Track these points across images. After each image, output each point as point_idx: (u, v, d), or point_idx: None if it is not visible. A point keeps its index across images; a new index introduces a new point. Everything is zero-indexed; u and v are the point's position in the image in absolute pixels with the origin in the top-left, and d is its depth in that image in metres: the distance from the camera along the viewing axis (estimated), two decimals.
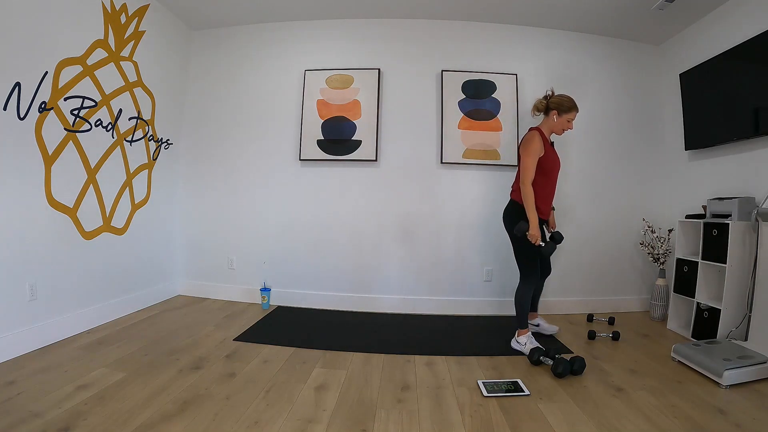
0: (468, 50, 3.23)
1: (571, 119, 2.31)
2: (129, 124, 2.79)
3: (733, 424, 1.54)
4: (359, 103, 3.19)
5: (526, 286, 2.32)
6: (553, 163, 2.34)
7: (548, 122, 2.35)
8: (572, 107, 2.30)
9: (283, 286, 3.26)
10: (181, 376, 1.87)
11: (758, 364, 1.92)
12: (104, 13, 2.50)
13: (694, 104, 2.93)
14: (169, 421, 1.48)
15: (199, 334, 2.46)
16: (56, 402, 1.56)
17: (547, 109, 2.34)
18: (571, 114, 2.30)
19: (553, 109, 2.31)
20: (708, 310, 2.47)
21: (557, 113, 2.30)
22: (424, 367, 2.10)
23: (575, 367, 1.97)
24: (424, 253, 3.19)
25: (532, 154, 2.23)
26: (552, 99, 2.34)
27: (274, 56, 3.33)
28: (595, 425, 1.53)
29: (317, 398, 1.71)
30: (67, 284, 2.33)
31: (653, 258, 3.08)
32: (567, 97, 2.32)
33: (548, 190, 2.38)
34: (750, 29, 2.47)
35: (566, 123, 2.31)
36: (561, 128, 2.32)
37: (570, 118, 2.30)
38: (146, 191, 3.03)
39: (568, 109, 2.29)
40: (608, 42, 3.31)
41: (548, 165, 2.30)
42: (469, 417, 1.59)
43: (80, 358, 2.02)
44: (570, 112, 2.29)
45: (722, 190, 2.71)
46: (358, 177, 3.22)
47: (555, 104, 2.31)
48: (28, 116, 2.04)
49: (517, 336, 2.34)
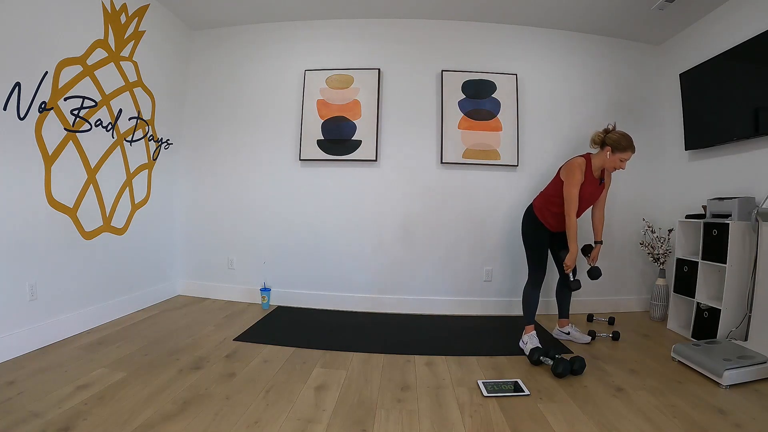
0: (468, 50, 3.23)
1: (625, 159, 2.19)
2: (129, 124, 2.79)
3: (733, 424, 1.54)
4: (359, 103, 3.19)
5: (531, 285, 2.39)
6: (584, 198, 2.27)
7: (601, 156, 2.25)
8: (628, 147, 2.18)
9: (283, 286, 3.26)
10: (181, 376, 1.87)
11: (758, 364, 1.92)
12: (104, 13, 2.50)
13: (694, 104, 2.93)
14: (169, 421, 1.48)
15: (199, 334, 2.46)
16: (56, 402, 1.56)
17: (603, 143, 2.24)
18: (625, 154, 2.18)
19: (608, 145, 2.21)
20: (708, 310, 2.47)
21: (611, 150, 2.20)
22: (424, 367, 2.09)
23: (575, 367, 1.97)
24: (424, 253, 3.19)
25: (576, 185, 2.18)
26: (610, 135, 2.22)
27: (274, 56, 3.33)
28: (595, 425, 1.53)
29: (317, 398, 1.71)
30: (67, 284, 2.33)
31: (653, 258, 3.08)
32: (625, 137, 2.19)
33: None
34: (750, 29, 2.47)
35: (618, 162, 2.20)
36: (613, 166, 2.23)
37: (624, 158, 2.19)
38: (146, 191, 3.03)
39: (623, 149, 2.18)
40: (608, 42, 3.31)
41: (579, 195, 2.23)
42: (469, 417, 1.59)
43: (80, 358, 2.02)
44: (625, 152, 2.18)
45: (722, 190, 2.71)
46: (358, 177, 3.22)
47: (611, 141, 2.20)
48: (28, 116, 2.04)
49: (523, 334, 2.36)
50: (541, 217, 2.37)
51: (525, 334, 2.33)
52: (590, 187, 2.28)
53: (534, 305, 2.37)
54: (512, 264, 3.18)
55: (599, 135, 2.27)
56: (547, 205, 2.35)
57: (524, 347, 2.29)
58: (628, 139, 2.19)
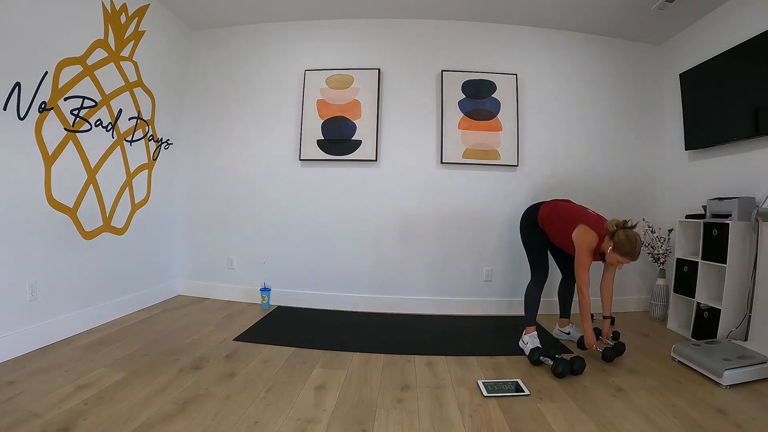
0: (468, 50, 3.23)
1: (622, 262, 2.10)
2: (129, 124, 2.79)
3: (733, 424, 1.54)
4: (359, 103, 3.19)
5: (533, 284, 2.39)
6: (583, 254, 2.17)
7: (607, 244, 2.13)
8: (627, 255, 2.06)
9: (283, 286, 3.26)
10: (181, 376, 1.87)
11: (758, 364, 1.92)
12: (104, 13, 2.50)
13: (694, 104, 2.93)
14: (169, 421, 1.48)
15: (199, 334, 2.46)
16: (56, 402, 1.56)
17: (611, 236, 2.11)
18: (623, 259, 2.08)
19: (612, 241, 2.10)
20: (708, 310, 2.47)
21: (613, 247, 2.09)
22: (424, 367, 2.09)
23: (575, 367, 1.97)
24: (424, 253, 3.19)
25: (587, 250, 2.11)
26: (618, 233, 2.07)
27: (274, 56, 3.33)
28: (595, 425, 1.53)
29: (317, 398, 1.71)
30: (67, 284, 2.33)
31: (653, 258, 3.08)
32: (629, 244, 2.05)
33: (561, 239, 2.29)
34: (750, 29, 2.47)
35: (616, 261, 2.11)
36: (610, 262, 2.14)
37: (621, 261, 2.09)
38: (146, 191, 3.03)
39: (623, 255, 2.07)
40: (608, 42, 3.31)
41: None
42: (469, 417, 1.59)
43: (80, 358, 2.02)
44: (623, 257, 2.07)
45: (722, 190, 2.71)
46: (358, 177, 3.22)
47: (616, 240, 2.07)
48: (28, 116, 2.04)
49: (523, 334, 2.35)
50: (542, 226, 2.37)
51: (525, 334, 2.33)
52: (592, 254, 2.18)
53: (535, 306, 2.36)
54: (512, 264, 3.18)
55: (613, 226, 2.11)
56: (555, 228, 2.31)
57: (524, 347, 2.29)
58: (631, 246, 2.05)
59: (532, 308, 2.36)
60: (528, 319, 2.36)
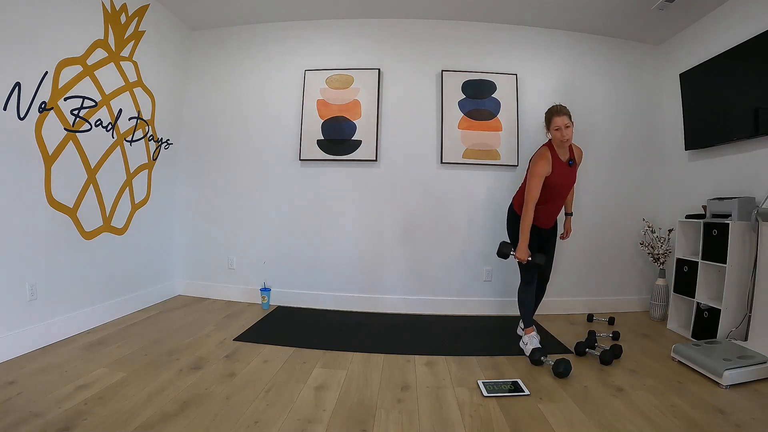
0: (468, 50, 3.23)
1: (559, 126, 2.11)
2: (129, 124, 2.79)
3: (733, 424, 1.54)
4: (359, 103, 3.19)
5: (523, 286, 2.38)
6: (561, 184, 2.23)
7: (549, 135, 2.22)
8: (552, 115, 2.14)
9: (283, 286, 3.26)
10: (181, 376, 1.87)
11: (758, 364, 1.92)
12: (104, 13, 2.50)
13: (694, 104, 2.93)
14: (169, 421, 1.48)
15: (199, 334, 2.46)
16: (56, 402, 1.56)
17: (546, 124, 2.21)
18: (554, 123, 2.12)
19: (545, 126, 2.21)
20: (708, 310, 2.47)
21: (546, 127, 2.21)
22: (424, 367, 2.09)
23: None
24: (424, 253, 3.19)
25: (537, 176, 2.14)
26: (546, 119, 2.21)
27: (274, 56, 3.33)
28: (595, 425, 1.53)
29: (317, 398, 1.71)
30: (67, 284, 2.33)
31: (653, 258, 3.08)
32: (549, 109, 2.18)
33: (550, 207, 2.31)
34: (750, 29, 2.47)
35: (555, 132, 2.14)
36: (558, 139, 2.16)
37: (556, 127, 2.12)
38: (146, 191, 3.03)
39: (549, 119, 2.16)
40: (608, 42, 3.31)
41: (552, 184, 2.19)
42: (469, 417, 1.59)
43: (80, 358, 2.02)
44: (552, 122, 2.13)
45: (722, 190, 2.71)
46: (358, 177, 3.22)
47: (544, 121, 2.21)
48: (28, 116, 2.04)
49: (523, 335, 2.35)
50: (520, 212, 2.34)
51: (525, 335, 2.32)
52: (561, 171, 2.21)
53: (529, 305, 2.36)
54: (512, 264, 3.17)
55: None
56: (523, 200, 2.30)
57: (524, 348, 2.29)
58: (550, 109, 2.15)
59: (527, 309, 2.36)
60: (525, 320, 2.36)
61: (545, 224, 2.37)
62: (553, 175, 2.18)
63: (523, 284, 2.39)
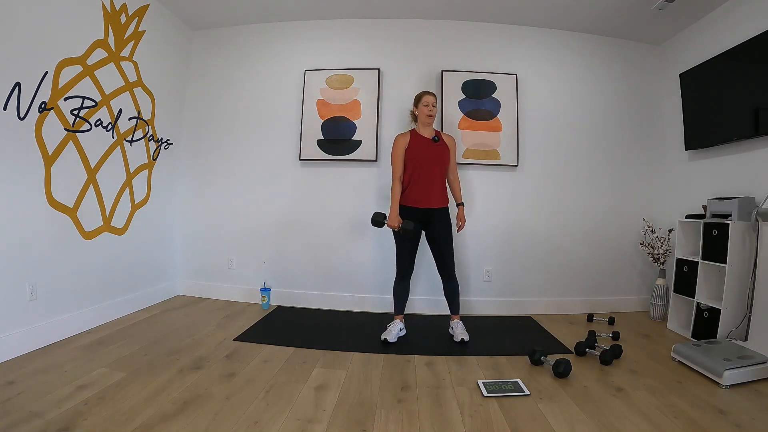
0: (468, 50, 3.23)
1: (427, 103, 2.47)
2: (129, 124, 2.79)
3: (733, 424, 1.54)
4: (359, 103, 3.19)
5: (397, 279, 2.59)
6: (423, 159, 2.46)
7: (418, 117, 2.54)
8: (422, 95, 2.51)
9: (283, 286, 3.26)
10: (181, 376, 1.87)
11: (758, 364, 1.92)
12: (104, 13, 2.50)
13: (694, 104, 2.93)
14: (169, 421, 1.48)
15: (199, 334, 2.46)
16: (56, 402, 1.56)
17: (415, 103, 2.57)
18: (423, 100, 2.48)
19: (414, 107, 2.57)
20: (708, 310, 2.47)
21: (415, 106, 2.56)
22: (424, 367, 2.09)
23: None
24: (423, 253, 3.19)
25: (394, 147, 2.50)
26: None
27: (274, 56, 3.33)
28: (595, 425, 1.53)
29: (317, 398, 1.71)
30: (67, 284, 2.33)
31: (653, 258, 3.08)
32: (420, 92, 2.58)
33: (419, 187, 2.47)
34: (750, 29, 2.47)
35: (423, 108, 2.48)
36: (425, 115, 2.48)
37: (425, 103, 2.48)
38: (146, 191, 3.03)
39: (419, 98, 2.52)
40: (608, 42, 3.31)
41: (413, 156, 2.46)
42: (469, 417, 1.59)
43: (80, 358, 2.02)
44: (422, 99, 2.49)
45: (722, 190, 2.71)
46: (358, 177, 3.22)
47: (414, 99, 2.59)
48: (28, 116, 2.04)
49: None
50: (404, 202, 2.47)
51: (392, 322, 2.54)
52: (421, 146, 2.48)
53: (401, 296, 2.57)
54: (512, 264, 3.18)
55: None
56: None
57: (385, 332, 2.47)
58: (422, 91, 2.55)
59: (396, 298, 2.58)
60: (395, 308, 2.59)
61: (418, 203, 2.47)
62: (411, 149, 2.47)
63: (397, 278, 2.58)
